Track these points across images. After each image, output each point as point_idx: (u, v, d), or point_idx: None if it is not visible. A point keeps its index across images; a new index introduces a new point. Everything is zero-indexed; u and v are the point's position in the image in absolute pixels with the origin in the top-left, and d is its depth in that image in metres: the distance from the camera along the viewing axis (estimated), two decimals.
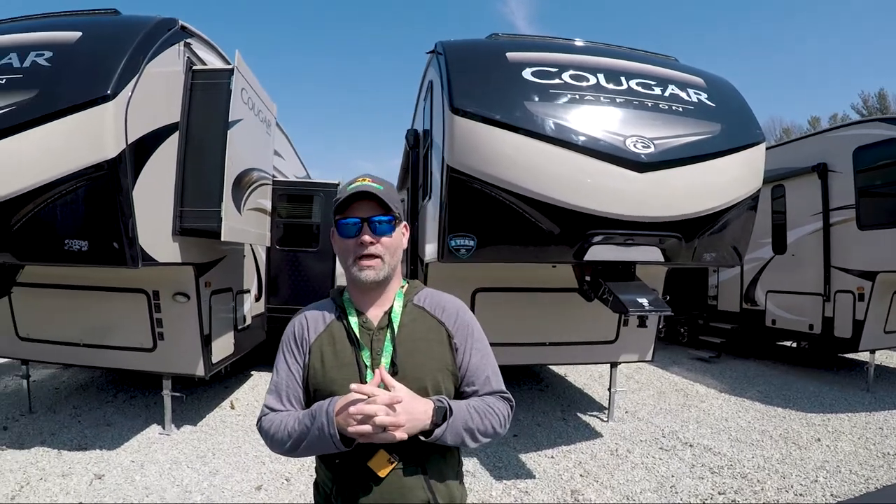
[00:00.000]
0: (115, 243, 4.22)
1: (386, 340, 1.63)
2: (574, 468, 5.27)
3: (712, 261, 4.96)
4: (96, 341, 5.83)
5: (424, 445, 1.54)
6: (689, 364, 10.41)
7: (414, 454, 1.56)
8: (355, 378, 1.57)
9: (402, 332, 1.65)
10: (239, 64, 5.21)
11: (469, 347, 1.70)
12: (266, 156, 6.62)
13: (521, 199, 4.27)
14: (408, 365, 1.60)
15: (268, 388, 1.71)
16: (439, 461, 1.62)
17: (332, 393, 1.56)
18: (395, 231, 1.66)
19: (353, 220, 1.62)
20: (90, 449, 5.39)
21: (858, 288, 7.98)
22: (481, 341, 1.74)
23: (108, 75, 4.14)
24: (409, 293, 1.75)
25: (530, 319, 5.73)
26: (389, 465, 1.53)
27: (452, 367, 1.66)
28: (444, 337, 1.68)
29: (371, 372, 1.58)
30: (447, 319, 1.71)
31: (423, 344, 1.65)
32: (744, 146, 4.78)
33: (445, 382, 1.64)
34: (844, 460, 5.54)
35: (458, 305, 1.77)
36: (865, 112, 40.59)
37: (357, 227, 1.62)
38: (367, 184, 1.64)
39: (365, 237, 1.61)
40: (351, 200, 1.63)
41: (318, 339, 1.67)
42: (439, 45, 5.03)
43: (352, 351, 1.63)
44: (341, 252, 1.68)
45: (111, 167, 4.08)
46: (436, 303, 1.75)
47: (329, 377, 1.61)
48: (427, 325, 1.69)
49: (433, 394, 1.59)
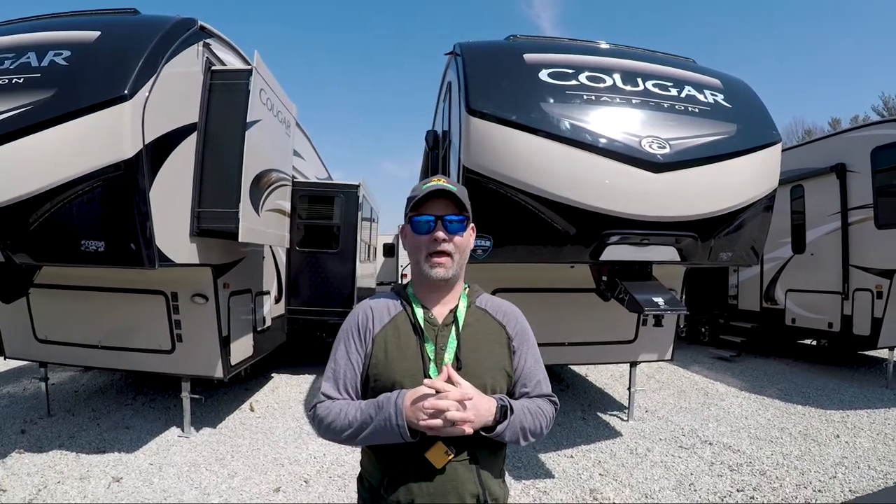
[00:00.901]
0: (131, 244, 4.22)
1: (450, 336, 1.67)
2: (593, 467, 5.26)
3: (729, 260, 4.94)
4: (114, 343, 5.86)
5: (478, 440, 1.58)
6: (709, 363, 10.39)
7: (468, 447, 1.60)
8: (418, 370, 1.61)
9: (465, 330, 1.70)
10: (258, 64, 5.24)
11: (525, 352, 1.76)
12: (285, 156, 6.64)
13: (538, 200, 4.28)
14: (470, 362, 1.64)
15: (324, 376, 1.73)
16: (489, 456, 1.65)
17: (394, 384, 1.60)
18: (466, 231, 1.71)
19: (428, 217, 1.66)
20: (108, 452, 5.42)
21: (877, 286, 7.99)
22: (535, 347, 1.80)
23: (126, 75, 4.15)
24: (472, 295, 1.81)
25: (549, 319, 5.71)
26: (446, 457, 1.56)
27: (509, 369, 1.71)
28: (504, 339, 1.74)
29: (434, 365, 1.62)
30: (508, 323, 1.77)
31: (484, 344, 1.70)
32: (760, 146, 4.76)
33: (500, 382, 1.68)
34: (863, 456, 5.51)
35: (517, 312, 1.83)
36: (886, 113, 40.05)
37: (430, 225, 1.66)
38: (443, 184, 1.69)
39: (439, 234, 1.65)
40: (427, 198, 1.67)
41: (383, 331, 1.70)
42: (457, 46, 5.03)
43: (416, 343, 1.66)
44: (413, 248, 1.71)
45: (128, 167, 4.09)
46: (497, 307, 1.81)
47: (392, 368, 1.63)
48: (489, 327, 1.74)
49: (490, 392, 1.63)
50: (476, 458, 1.61)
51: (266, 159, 5.67)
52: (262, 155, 5.55)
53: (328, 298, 9.27)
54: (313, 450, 5.55)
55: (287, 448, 5.63)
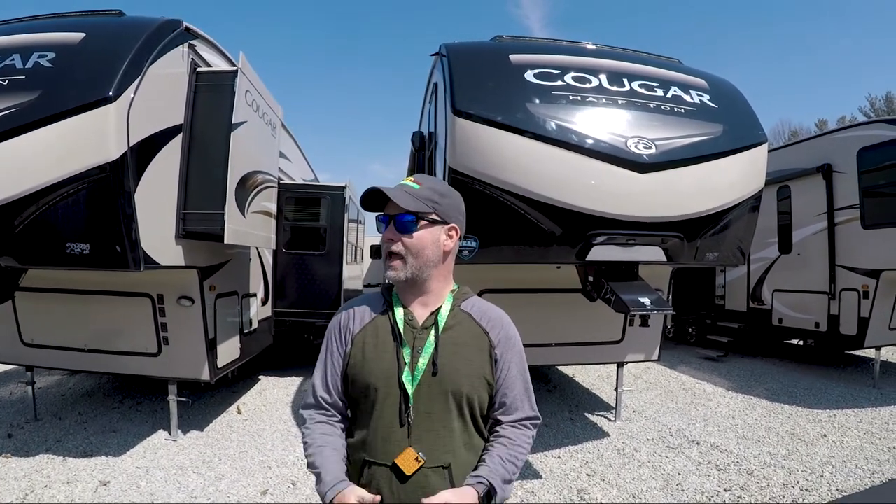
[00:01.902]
0: (117, 246, 4.21)
1: (428, 340, 1.63)
2: (581, 468, 5.26)
3: (715, 260, 4.95)
4: (101, 346, 5.82)
5: (450, 446, 1.58)
6: (696, 363, 10.44)
7: (439, 453, 1.57)
8: (392, 374, 1.59)
9: (445, 333, 1.65)
10: (243, 66, 5.22)
11: (509, 360, 1.70)
12: (271, 158, 6.62)
13: (523, 201, 4.27)
14: (446, 368, 1.60)
15: (314, 372, 1.76)
16: (463, 463, 1.62)
17: (368, 385, 1.60)
18: (417, 231, 1.62)
19: (383, 216, 1.67)
20: (95, 455, 5.38)
21: (863, 286, 8.06)
22: (520, 356, 1.74)
23: (111, 77, 4.14)
24: (458, 298, 1.75)
25: (535, 320, 5.70)
26: (417, 464, 1.53)
27: (489, 378, 1.66)
28: (485, 346, 1.68)
29: (408, 370, 1.59)
30: (491, 329, 1.70)
31: (464, 349, 1.65)
32: (746, 147, 4.77)
33: (479, 391, 1.64)
34: (850, 455, 5.55)
35: (504, 318, 1.76)
36: (872, 114, 40.53)
37: (384, 224, 1.65)
38: (406, 182, 1.67)
39: (385, 233, 1.65)
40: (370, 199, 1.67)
41: (363, 331, 1.68)
42: (443, 47, 5.03)
43: (393, 346, 1.63)
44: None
45: (113, 169, 4.07)
46: (482, 312, 1.74)
47: (367, 369, 1.62)
48: (471, 332, 1.69)
49: (466, 401, 1.61)
50: (448, 463, 1.58)
51: (252, 161, 5.65)
52: (248, 156, 5.53)
53: (315, 300, 9.25)
54: (301, 452, 5.47)
55: (274, 450, 5.60)
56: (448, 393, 1.58)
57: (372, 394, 1.60)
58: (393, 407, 1.58)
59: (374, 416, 1.60)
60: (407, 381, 1.57)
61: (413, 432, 1.56)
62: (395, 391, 1.57)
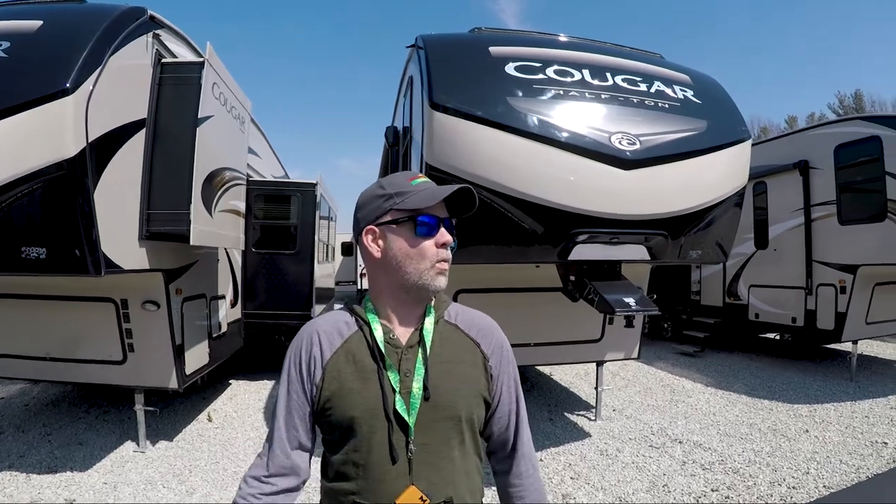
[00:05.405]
0: (75, 250, 3.96)
1: (417, 361, 1.42)
2: (564, 470, 5.16)
3: (698, 258, 4.89)
4: (63, 355, 5.53)
5: (450, 478, 1.39)
6: (673, 359, 10.44)
7: (440, 487, 1.38)
8: (378, 405, 1.36)
9: (434, 352, 1.44)
10: (210, 57, 5.00)
11: (505, 372, 1.54)
12: (239, 154, 6.38)
13: (504, 198, 4.13)
14: (441, 390, 1.40)
15: (273, 421, 1.48)
16: (463, 493, 1.43)
17: (352, 420, 1.36)
18: None
19: (435, 219, 1.42)
20: (60, 471, 5.11)
21: (840, 281, 8.13)
22: (514, 366, 1.58)
23: (69, 68, 3.87)
24: (439, 308, 1.54)
25: (514, 320, 5.52)
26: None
27: (486, 395, 1.49)
28: (479, 360, 1.50)
29: (400, 397, 1.37)
30: (482, 340, 1.53)
31: (456, 366, 1.46)
32: (730, 143, 4.72)
33: (478, 410, 1.46)
34: (834, 450, 5.55)
35: (492, 324, 1.59)
36: (842, 112, 41.28)
37: (440, 228, 1.43)
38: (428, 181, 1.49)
39: (449, 237, 1.43)
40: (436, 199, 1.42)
41: (335, 357, 1.43)
42: (420, 38, 4.86)
43: (376, 371, 1.39)
44: (414, 255, 1.41)
45: (71, 167, 3.83)
46: (469, 320, 1.56)
47: (348, 402, 1.38)
48: (461, 346, 1.50)
49: (466, 422, 1.42)
50: (450, 497, 1.38)
51: (219, 157, 5.42)
52: (215, 153, 5.29)
53: (286, 301, 8.99)
54: None
55: (247, 460, 5.37)
56: (446, 419, 1.39)
57: (357, 429, 1.37)
58: (383, 442, 1.35)
59: (362, 454, 1.37)
60: (402, 410, 1.36)
61: (413, 468, 1.35)
62: (384, 423, 1.35)
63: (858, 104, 42.20)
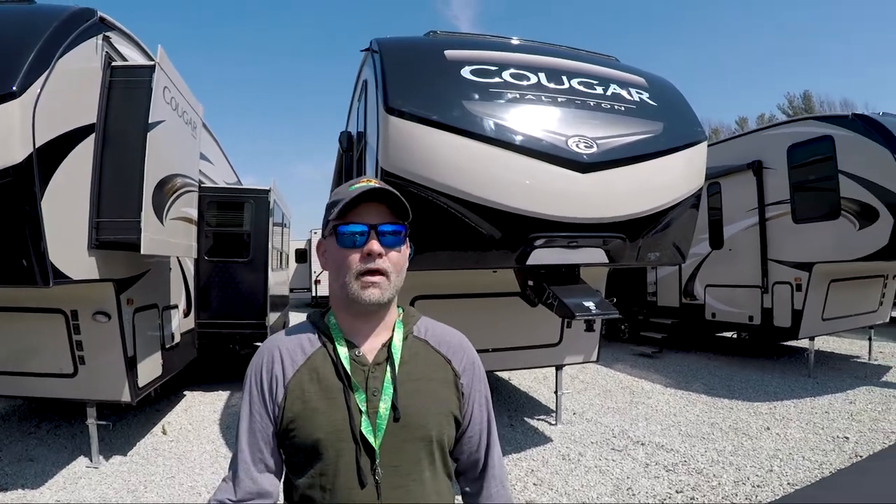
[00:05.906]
0: (22, 260, 3.83)
1: (385, 379, 1.35)
2: (526, 476, 5.14)
3: (656, 260, 4.93)
4: (10, 368, 5.32)
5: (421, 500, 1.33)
6: (632, 360, 10.54)
7: None
8: (344, 426, 1.29)
9: (402, 369, 1.38)
10: (161, 60, 4.87)
11: (475, 391, 1.48)
12: (191, 160, 6.24)
13: (460, 203, 4.08)
14: (411, 409, 1.34)
15: (237, 442, 1.40)
16: None
17: (316, 442, 1.29)
18: (403, 245, 1.40)
19: (359, 226, 1.33)
20: (11, 489, 4.91)
21: (796, 279, 8.30)
22: (485, 383, 1.53)
23: (15, 70, 3.74)
24: (408, 322, 1.48)
25: (471, 326, 5.37)
26: None
27: (457, 414, 1.43)
28: (450, 377, 1.44)
29: (366, 419, 1.31)
30: (453, 356, 1.47)
31: (426, 384, 1.39)
32: (686, 145, 4.75)
33: (448, 430, 1.40)
34: (796, 447, 5.64)
35: (464, 340, 1.53)
36: (791, 112, 42.39)
37: (364, 236, 1.33)
38: (374, 184, 1.37)
39: (373, 246, 1.32)
40: (356, 203, 1.33)
41: (297, 375, 1.35)
42: (374, 42, 4.80)
43: (341, 391, 1.33)
44: (338, 266, 1.36)
45: (17, 173, 3.69)
46: (440, 337, 1.49)
47: (312, 423, 1.31)
48: (432, 363, 1.44)
49: (437, 443, 1.36)
50: None
51: (170, 163, 5.28)
52: (167, 159, 5.16)
53: (240, 309, 8.83)
54: None
55: (203, 474, 5.24)
56: (417, 440, 1.33)
57: (323, 451, 1.30)
58: (350, 465, 1.29)
59: (329, 477, 1.30)
60: (368, 432, 1.30)
61: (381, 491, 1.29)
62: (350, 445, 1.28)
63: (808, 105, 43.39)
